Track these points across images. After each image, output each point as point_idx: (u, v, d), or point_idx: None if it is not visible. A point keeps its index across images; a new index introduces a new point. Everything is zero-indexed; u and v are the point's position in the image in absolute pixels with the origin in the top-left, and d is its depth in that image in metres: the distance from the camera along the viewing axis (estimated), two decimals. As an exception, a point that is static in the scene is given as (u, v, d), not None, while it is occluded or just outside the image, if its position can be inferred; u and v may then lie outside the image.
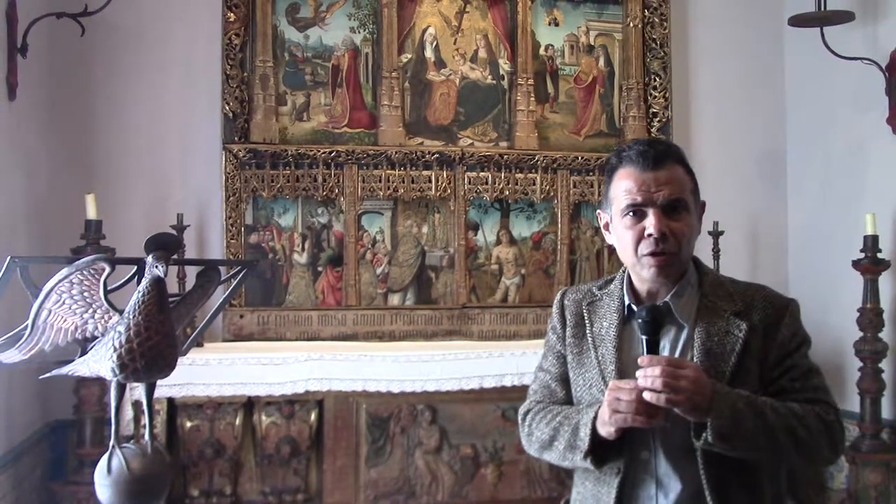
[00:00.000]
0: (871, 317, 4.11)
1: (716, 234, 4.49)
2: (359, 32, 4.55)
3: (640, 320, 1.86)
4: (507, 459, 4.07)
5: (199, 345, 3.96)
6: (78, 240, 3.88)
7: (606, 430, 1.84)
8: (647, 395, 1.76)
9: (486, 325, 4.56)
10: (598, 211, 2.10)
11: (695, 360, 1.89)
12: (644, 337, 1.84)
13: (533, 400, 2.14)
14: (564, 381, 2.09)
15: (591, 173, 4.67)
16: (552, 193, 4.65)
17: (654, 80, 4.80)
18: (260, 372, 3.84)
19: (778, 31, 4.93)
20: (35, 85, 3.93)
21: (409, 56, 4.59)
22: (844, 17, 4.26)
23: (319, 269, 4.48)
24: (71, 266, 1.57)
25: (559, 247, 4.68)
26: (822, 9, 4.26)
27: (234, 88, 4.36)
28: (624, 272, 2.05)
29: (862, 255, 4.14)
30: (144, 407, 1.67)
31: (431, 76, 4.61)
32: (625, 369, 1.92)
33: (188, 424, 3.83)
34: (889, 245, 4.22)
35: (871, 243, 4.12)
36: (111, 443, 1.59)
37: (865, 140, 4.45)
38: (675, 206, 1.90)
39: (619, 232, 1.96)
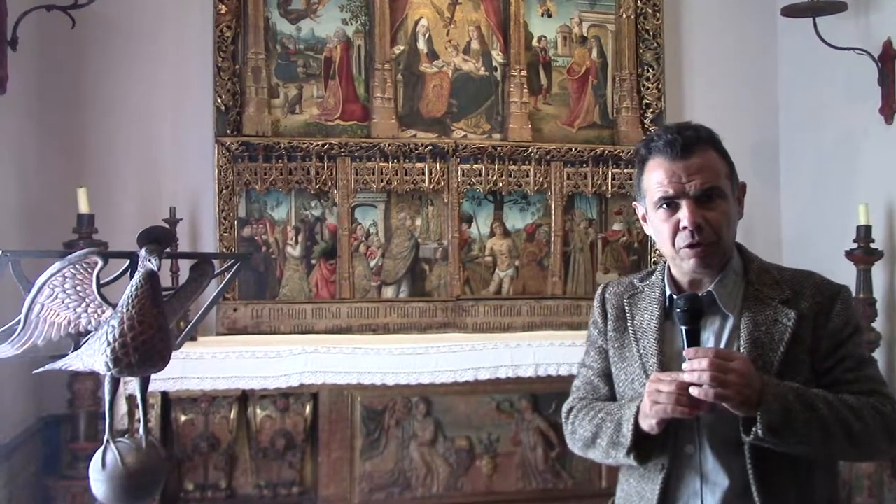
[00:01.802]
0: (864, 307, 4.12)
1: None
2: (351, 24, 4.53)
3: (677, 310, 1.81)
4: (501, 451, 4.07)
5: (193, 338, 3.95)
6: (70, 234, 3.86)
7: (648, 423, 1.79)
8: (694, 391, 1.69)
9: (480, 317, 4.56)
10: (633, 203, 2.05)
11: (741, 350, 1.83)
12: (683, 327, 1.79)
13: (576, 397, 2.09)
14: (607, 376, 2.04)
15: (584, 165, 4.67)
16: (546, 185, 4.64)
17: (648, 71, 4.80)
18: (254, 365, 3.83)
19: (770, 21, 4.93)
20: (25, 78, 3.90)
21: (402, 48, 4.58)
22: (837, 7, 4.26)
23: (313, 262, 4.47)
24: (63, 260, 1.57)
25: (553, 238, 4.68)
26: (815, -1, 4.26)
27: (226, 81, 4.34)
28: (665, 263, 1.99)
29: (855, 246, 4.16)
30: (139, 401, 1.66)
31: (424, 68, 4.60)
32: (667, 362, 1.87)
33: (182, 418, 3.82)
34: (882, 235, 4.23)
35: (865, 233, 4.13)
36: (105, 437, 1.59)
37: (858, 130, 4.46)
38: (710, 195, 1.83)
39: (655, 225, 1.91)
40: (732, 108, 4.96)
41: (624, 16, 4.76)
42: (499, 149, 4.57)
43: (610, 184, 4.69)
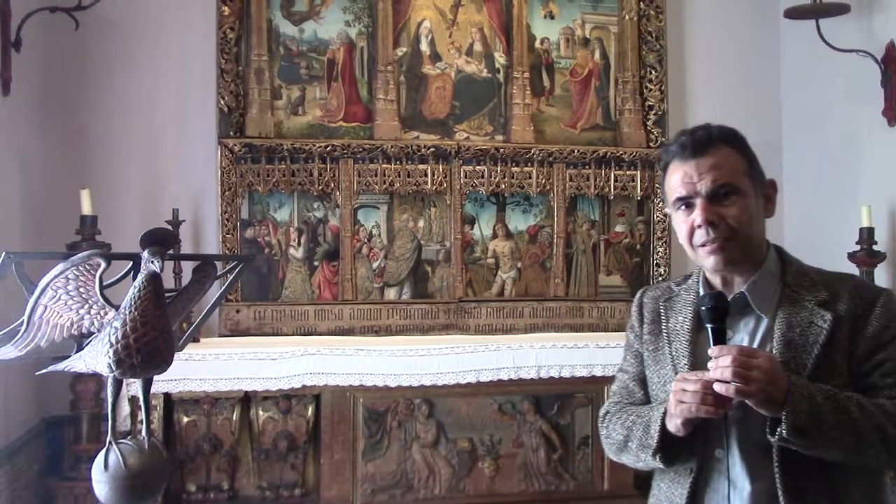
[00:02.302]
0: (866, 309, 4.11)
1: (712, 226, 4.48)
2: (354, 26, 4.54)
3: (702, 308, 1.80)
4: (504, 453, 4.07)
5: (196, 340, 3.95)
6: (73, 235, 3.86)
7: (674, 423, 1.78)
8: (717, 387, 1.68)
9: (482, 318, 4.56)
10: (666, 210, 2.05)
11: (774, 351, 1.80)
12: (708, 326, 1.77)
13: (612, 402, 2.08)
14: (642, 380, 2.04)
15: (586, 166, 4.67)
16: (548, 187, 4.64)
17: (650, 72, 4.80)
18: (256, 367, 3.83)
19: (773, 23, 4.93)
20: (29, 80, 3.91)
21: (405, 50, 4.58)
22: (840, 8, 4.26)
23: (315, 263, 4.47)
24: (66, 262, 1.57)
25: (555, 240, 4.68)
26: (818, 1, 4.26)
27: (229, 83, 4.34)
28: (700, 268, 1.97)
29: (858, 248, 4.15)
30: (141, 402, 1.66)
31: (427, 70, 4.60)
32: (699, 364, 1.84)
33: (185, 420, 3.83)
34: (884, 237, 4.23)
35: (867, 235, 4.12)
36: (108, 439, 1.59)
37: (861, 132, 4.46)
38: (725, 192, 1.83)
39: (676, 227, 1.91)
40: (735, 110, 4.92)
41: (627, 18, 4.76)
42: (501, 150, 4.57)
43: (612, 186, 4.69)
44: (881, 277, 4.20)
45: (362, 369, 3.90)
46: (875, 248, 4.14)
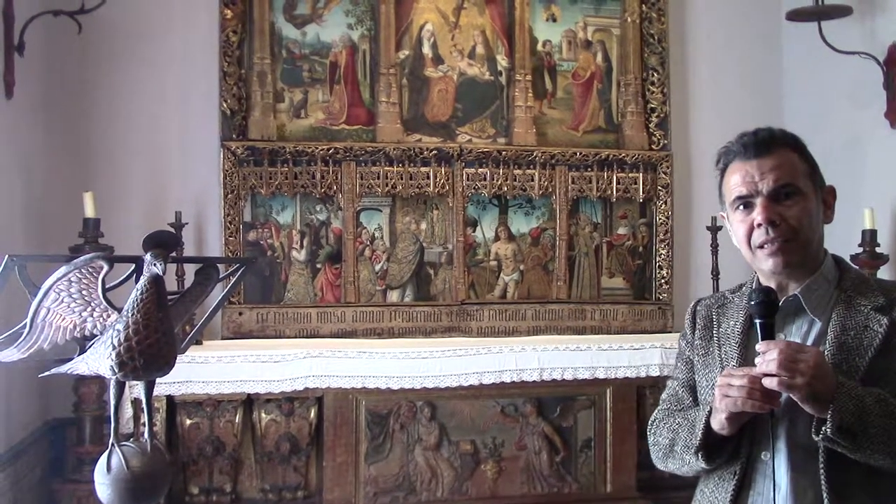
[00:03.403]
0: (869, 311, 4.11)
1: (714, 229, 4.48)
2: (356, 29, 4.54)
3: (751, 303, 1.78)
4: (506, 455, 4.07)
5: (199, 342, 3.96)
6: (76, 238, 3.87)
7: (718, 419, 1.76)
8: (765, 381, 1.66)
9: (484, 321, 4.56)
10: (720, 213, 2.02)
11: (826, 354, 1.76)
12: (758, 320, 1.75)
13: (661, 409, 2.07)
14: (692, 387, 2.02)
15: (589, 169, 4.67)
16: (550, 189, 4.64)
17: (652, 75, 4.79)
18: (259, 369, 3.84)
19: (775, 25, 4.93)
20: (32, 83, 3.92)
21: (407, 52, 4.58)
22: (842, 11, 4.26)
23: (318, 266, 4.47)
24: (69, 264, 1.57)
25: (558, 242, 4.67)
26: (820, 3, 4.26)
27: (232, 86, 4.35)
28: (755, 274, 1.96)
29: (860, 250, 4.14)
30: (144, 405, 1.67)
31: (429, 72, 4.61)
32: (748, 365, 1.80)
33: (188, 422, 3.83)
34: (887, 239, 4.22)
35: (870, 238, 4.12)
36: (110, 441, 1.59)
37: (863, 134, 4.45)
38: (786, 193, 1.81)
39: (734, 227, 1.89)
40: (737, 112, 4.93)
41: (629, 20, 4.76)
42: (503, 153, 4.57)
43: (615, 188, 4.69)
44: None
45: (365, 372, 3.91)
46: (878, 250, 4.13)
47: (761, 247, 1.82)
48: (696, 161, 4.87)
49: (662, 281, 4.73)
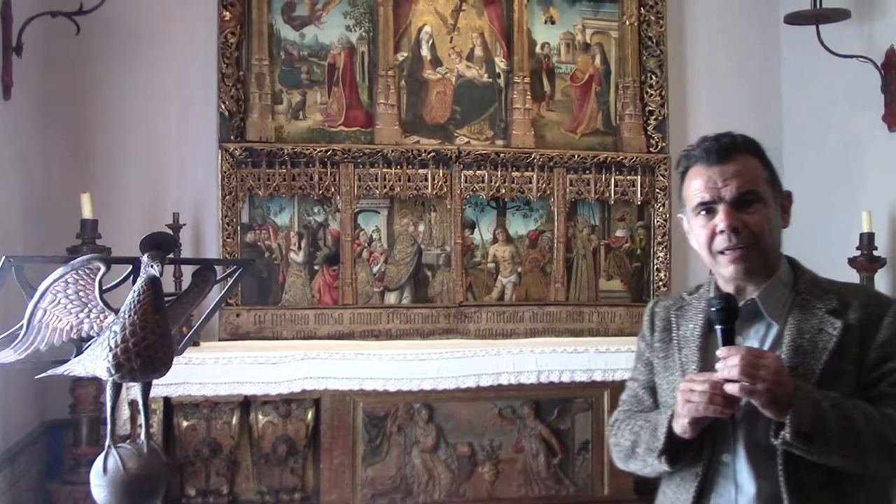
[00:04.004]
0: (867, 314, 4.11)
1: (712, 231, 4.48)
2: (355, 31, 4.54)
3: (712, 309, 1.80)
4: (503, 458, 4.07)
5: (196, 344, 3.95)
6: (73, 239, 3.87)
7: (681, 423, 1.78)
8: (727, 387, 1.69)
9: (482, 323, 4.56)
10: (679, 215, 2.04)
11: (783, 357, 1.80)
12: (718, 326, 1.78)
13: (621, 410, 2.09)
14: (652, 388, 2.04)
15: (587, 171, 4.67)
16: (548, 191, 4.64)
17: (651, 77, 4.80)
18: (256, 371, 3.83)
19: (774, 28, 4.93)
20: (30, 84, 3.91)
21: (406, 54, 4.59)
22: (840, 14, 4.27)
23: (316, 267, 4.47)
24: (66, 265, 1.57)
25: (556, 245, 4.68)
26: (818, 6, 4.26)
27: (230, 87, 4.35)
28: (713, 276, 1.98)
29: (858, 253, 4.15)
30: (140, 406, 1.66)
31: (428, 74, 4.61)
32: (707, 369, 1.84)
33: (185, 424, 3.83)
34: (885, 242, 4.23)
35: (868, 241, 4.12)
36: (107, 442, 1.59)
37: (861, 137, 4.46)
38: (747, 199, 1.83)
39: (695, 232, 1.91)
40: (735, 116, 4.93)
41: (627, 23, 4.76)
42: (502, 155, 4.57)
43: (613, 190, 4.69)
44: (881, 283, 4.20)
45: (362, 374, 3.90)
46: (875, 253, 4.14)
47: (722, 252, 1.84)
48: (694, 164, 4.86)
49: (660, 283, 4.73)
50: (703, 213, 1.86)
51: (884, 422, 1.73)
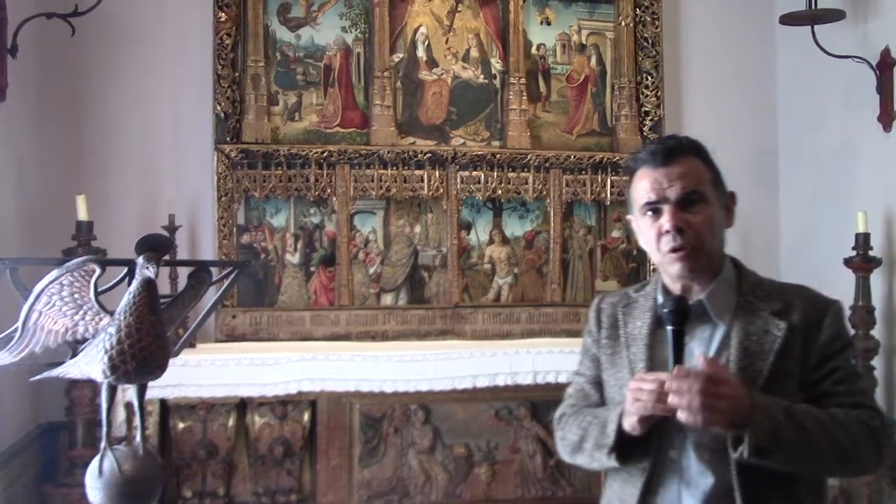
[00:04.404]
0: (862, 314, 4.12)
1: (708, 232, 4.49)
2: (350, 32, 4.54)
3: (664, 310, 1.84)
4: (500, 459, 4.07)
5: (192, 345, 3.95)
6: (69, 241, 3.86)
7: (630, 421, 1.81)
8: (681, 416, 1.71)
9: (478, 324, 4.55)
10: (628, 216, 2.09)
11: (731, 358, 1.85)
12: (669, 328, 1.81)
13: (567, 404, 2.12)
14: (598, 383, 2.08)
15: (583, 172, 4.67)
16: (544, 192, 4.65)
17: (646, 78, 4.80)
18: (253, 372, 3.83)
19: (769, 29, 4.93)
20: (25, 86, 3.91)
21: (401, 55, 4.59)
22: (835, 15, 4.27)
23: (312, 269, 4.47)
24: (61, 268, 1.57)
25: (552, 246, 4.68)
26: (813, 7, 4.27)
27: (226, 88, 4.34)
28: (659, 274, 2.02)
29: (854, 253, 4.15)
30: (136, 408, 1.66)
31: (423, 75, 4.61)
32: (656, 367, 1.90)
33: (181, 425, 3.82)
34: (880, 243, 4.23)
35: (863, 241, 4.13)
36: (103, 445, 1.59)
37: (857, 138, 4.46)
38: (692, 200, 1.88)
39: (642, 232, 1.95)
40: (731, 116, 4.97)
41: (623, 24, 4.77)
42: (498, 156, 4.57)
43: (609, 191, 4.69)
44: (877, 283, 4.21)
45: (358, 375, 3.90)
46: (871, 253, 4.14)
47: (669, 252, 1.88)
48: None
49: (656, 284, 4.73)
50: (650, 213, 1.91)
51: (834, 426, 1.78)
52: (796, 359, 1.86)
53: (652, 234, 1.90)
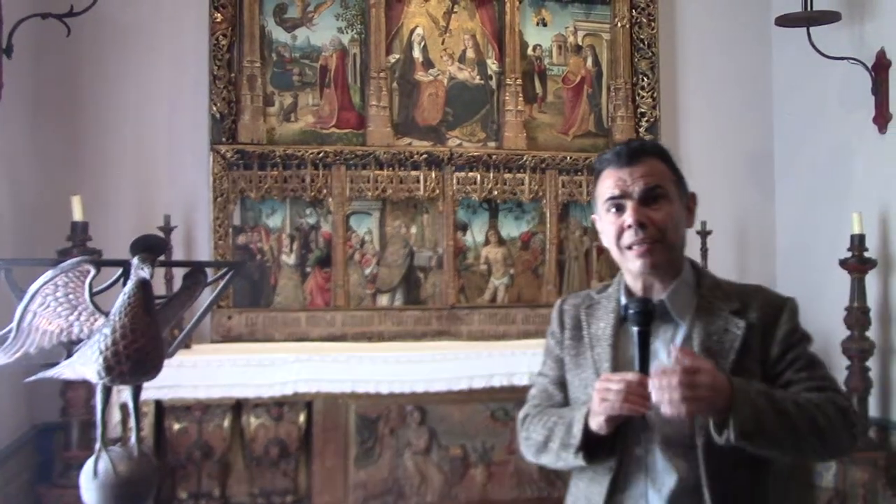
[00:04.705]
0: (858, 315, 4.13)
1: (704, 233, 4.50)
2: (346, 33, 4.54)
3: (630, 312, 1.87)
4: (496, 460, 4.07)
5: (187, 346, 3.95)
6: (64, 241, 3.85)
7: (597, 421, 1.84)
8: (665, 410, 1.73)
9: (474, 325, 4.55)
10: (592, 216, 2.14)
11: None
12: (635, 329, 1.85)
13: (531, 404, 2.15)
14: (562, 384, 2.11)
15: (579, 173, 4.67)
16: (541, 193, 4.65)
17: (642, 80, 4.81)
18: (248, 373, 3.82)
19: (765, 30, 4.95)
20: (20, 86, 3.90)
21: (397, 56, 4.58)
22: (831, 16, 4.28)
23: (308, 270, 4.46)
24: (56, 268, 1.56)
25: (548, 247, 4.68)
26: (809, 9, 4.28)
27: (222, 89, 4.34)
28: (621, 275, 2.07)
29: (849, 254, 4.16)
30: (130, 409, 1.66)
31: (419, 76, 4.61)
32: (620, 367, 1.93)
33: (176, 427, 3.81)
34: (875, 244, 4.24)
35: (858, 242, 4.14)
36: (97, 446, 1.58)
37: (852, 139, 4.47)
38: (654, 196, 1.93)
39: (605, 228, 2.00)
40: (727, 117, 4.98)
41: (619, 25, 4.77)
42: (494, 157, 4.57)
43: (605, 192, 4.69)
44: (872, 284, 4.22)
45: (354, 376, 3.89)
46: (866, 254, 4.15)
47: (630, 247, 1.93)
48: (686, 166, 4.83)
49: (652, 285, 4.73)
50: (613, 210, 1.96)
51: (809, 406, 1.83)
52: (756, 356, 1.92)
53: (613, 230, 1.96)
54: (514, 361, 4.03)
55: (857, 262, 4.14)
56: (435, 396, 3.98)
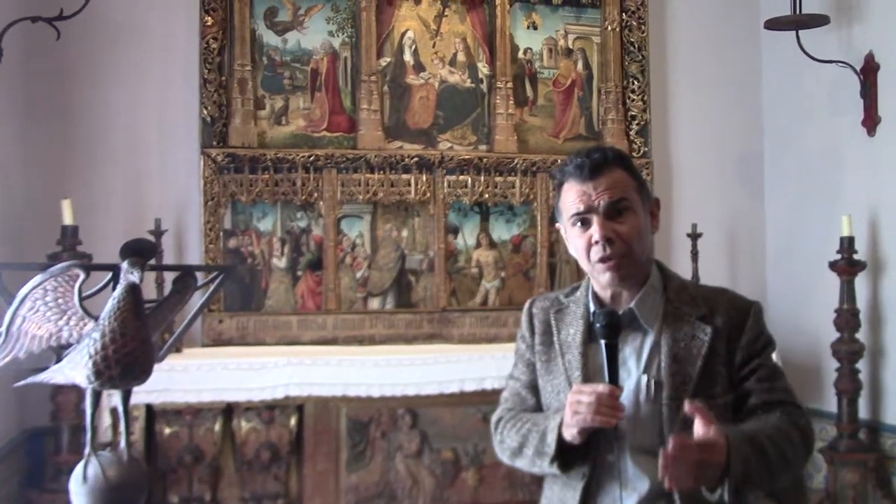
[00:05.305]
0: (847, 317, 4.15)
1: (694, 236, 4.51)
2: (337, 36, 4.54)
3: (597, 325, 1.90)
4: (487, 463, 4.06)
5: (178, 350, 3.93)
6: (54, 245, 3.84)
7: (570, 432, 1.87)
8: (669, 484, 1.73)
9: (466, 328, 4.56)
10: (556, 224, 2.16)
11: (662, 364, 1.93)
12: (603, 341, 1.88)
13: (504, 408, 2.18)
14: (534, 388, 2.13)
15: (570, 176, 4.67)
16: (532, 196, 4.65)
17: (633, 83, 4.82)
18: (239, 377, 3.81)
19: (754, 34, 4.97)
20: (10, 89, 3.89)
21: (388, 60, 4.59)
22: (819, 20, 4.30)
23: (299, 273, 4.46)
24: (45, 272, 1.56)
25: (539, 250, 4.69)
26: (798, 12, 4.29)
27: (212, 93, 4.33)
28: (588, 279, 2.09)
29: (838, 257, 4.18)
30: (121, 414, 1.65)
31: (410, 80, 4.61)
32: (591, 375, 1.97)
33: (167, 431, 3.80)
34: (865, 246, 4.26)
35: (848, 245, 4.15)
36: (87, 450, 1.58)
37: (841, 142, 4.49)
38: (619, 209, 1.95)
39: (571, 241, 2.03)
40: (717, 120, 5.00)
41: (609, 28, 4.79)
42: (485, 160, 4.58)
43: (595, 195, 4.69)
44: (861, 286, 4.23)
45: (345, 379, 3.89)
46: (855, 257, 4.17)
47: (599, 262, 1.95)
48: (676, 169, 4.91)
49: (643, 288, 4.74)
50: (579, 224, 1.98)
51: (781, 440, 1.87)
52: (722, 360, 1.95)
53: (581, 244, 1.97)
54: (506, 364, 3.93)
55: (847, 265, 4.16)
56: (426, 399, 3.98)
